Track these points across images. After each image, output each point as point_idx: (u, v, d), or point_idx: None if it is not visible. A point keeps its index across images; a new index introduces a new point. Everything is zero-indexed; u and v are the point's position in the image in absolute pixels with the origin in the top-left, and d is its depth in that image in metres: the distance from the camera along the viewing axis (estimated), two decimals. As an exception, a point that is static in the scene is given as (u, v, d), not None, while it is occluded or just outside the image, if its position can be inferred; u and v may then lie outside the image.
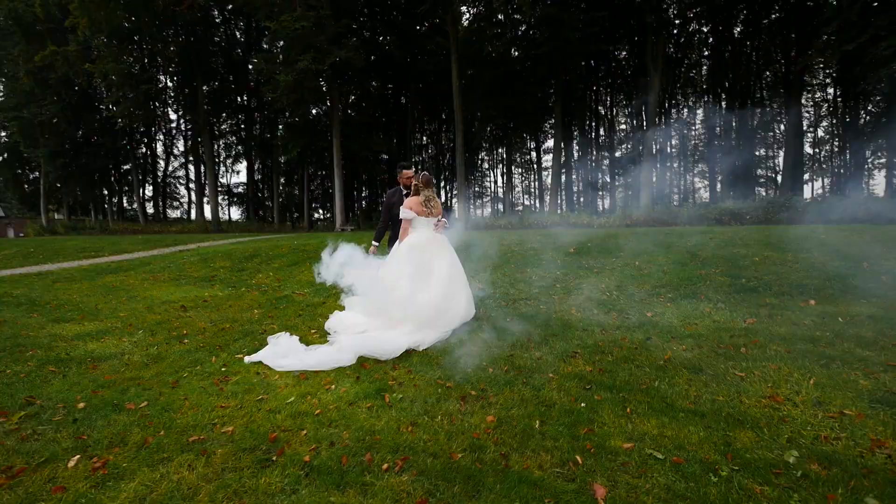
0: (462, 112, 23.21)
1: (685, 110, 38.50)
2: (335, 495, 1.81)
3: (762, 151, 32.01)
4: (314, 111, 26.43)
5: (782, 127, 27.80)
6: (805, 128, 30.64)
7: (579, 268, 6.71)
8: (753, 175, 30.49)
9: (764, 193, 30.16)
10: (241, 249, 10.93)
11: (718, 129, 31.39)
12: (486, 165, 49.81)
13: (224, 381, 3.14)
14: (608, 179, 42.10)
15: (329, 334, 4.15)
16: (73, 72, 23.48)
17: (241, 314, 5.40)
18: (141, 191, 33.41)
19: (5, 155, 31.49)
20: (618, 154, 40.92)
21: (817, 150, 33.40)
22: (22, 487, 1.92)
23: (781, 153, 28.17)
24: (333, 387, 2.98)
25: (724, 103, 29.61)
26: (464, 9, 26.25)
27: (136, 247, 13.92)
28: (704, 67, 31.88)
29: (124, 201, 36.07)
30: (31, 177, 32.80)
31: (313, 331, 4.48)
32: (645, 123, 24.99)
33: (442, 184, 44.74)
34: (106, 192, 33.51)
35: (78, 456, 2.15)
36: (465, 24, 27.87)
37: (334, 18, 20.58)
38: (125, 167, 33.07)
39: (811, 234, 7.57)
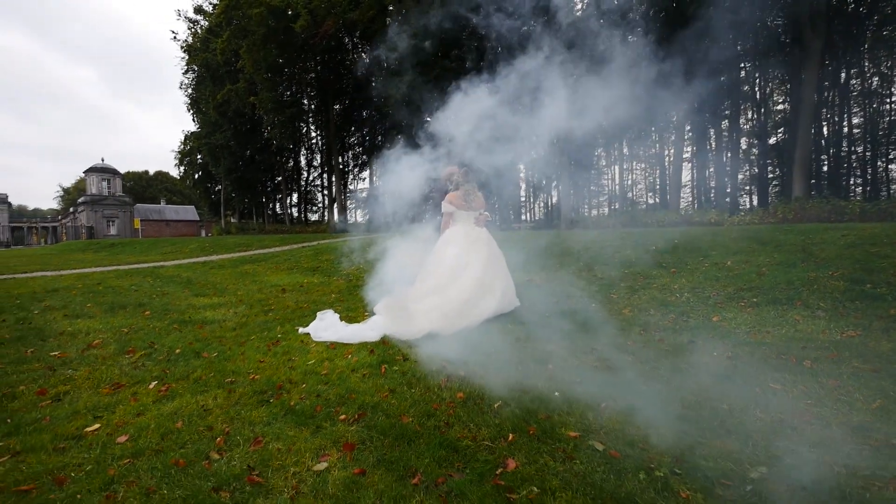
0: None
1: (875, 79, 30.43)
2: (293, 430, 2.19)
3: None
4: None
5: None
6: None
7: (655, 266, 6.07)
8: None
9: None
10: (345, 245, 12.45)
11: (926, 98, 24.05)
12: (603, 162, 46.70)
13: (275, 344, 3.83)
14: (756, 171, 35.69)
15: (373, 315, 4.64)
16: (242, 104, 29.38)
17: (322, 297, 6.30)
18: (288, 198, 39.95)
19: (200, 173, 41.04)
20: (771, 141, 34.44)
21: None
22: (117, 395, 2.75)
23: None
24: (350, 356, 3.41)
25: (930, 64, 22.61)
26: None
27: (275, 243, 16.84)
28: (903, 21, 24.78)
29: (277, 207, 43.53)
30: (216, 189, 41.95)
31: (366, 312, 5.03)
32: (802, 100, 20.54)
33: (553, 183, 43.30)
34: (264, 200, 40.97)
35: (156, 382, 2.96)
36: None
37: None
38: (277, 179, 39.94)
39: None
